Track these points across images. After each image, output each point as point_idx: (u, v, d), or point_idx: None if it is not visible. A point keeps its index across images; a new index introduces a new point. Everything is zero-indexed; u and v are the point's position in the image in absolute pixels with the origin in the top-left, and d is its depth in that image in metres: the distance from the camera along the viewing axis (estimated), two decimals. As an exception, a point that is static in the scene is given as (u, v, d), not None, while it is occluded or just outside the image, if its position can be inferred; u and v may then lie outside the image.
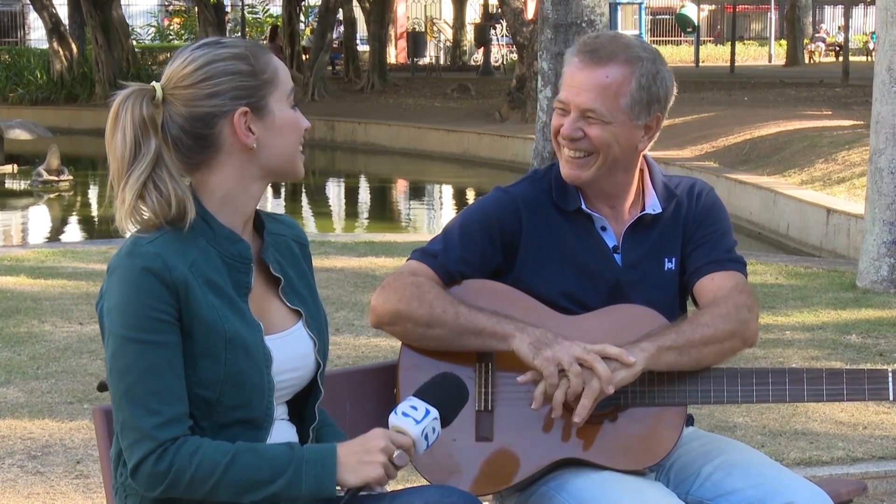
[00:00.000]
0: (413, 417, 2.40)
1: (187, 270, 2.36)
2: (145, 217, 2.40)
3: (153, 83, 2.45)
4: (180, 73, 2.43)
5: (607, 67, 2.87)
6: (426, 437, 2.40)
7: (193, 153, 2.43)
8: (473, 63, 42.23)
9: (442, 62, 42.00)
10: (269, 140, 2.44)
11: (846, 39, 33.29)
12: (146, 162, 2.40)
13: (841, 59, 33.01)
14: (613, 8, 36.20)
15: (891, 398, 2.84)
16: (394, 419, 2.42)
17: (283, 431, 2.52)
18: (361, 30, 40.15)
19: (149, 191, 2.39)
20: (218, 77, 2.41)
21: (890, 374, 2.84)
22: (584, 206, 2.96)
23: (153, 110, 2.42)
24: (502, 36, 39.59)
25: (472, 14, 45.94)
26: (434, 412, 2.41)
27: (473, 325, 2.82)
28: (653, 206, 2.99)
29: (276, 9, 44.94)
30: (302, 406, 2.56)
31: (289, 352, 2.47)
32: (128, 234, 2.44)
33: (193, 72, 2.42)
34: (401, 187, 22.63)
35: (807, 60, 42.52)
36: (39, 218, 17.84)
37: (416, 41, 42.41)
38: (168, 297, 2.34)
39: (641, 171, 3.02)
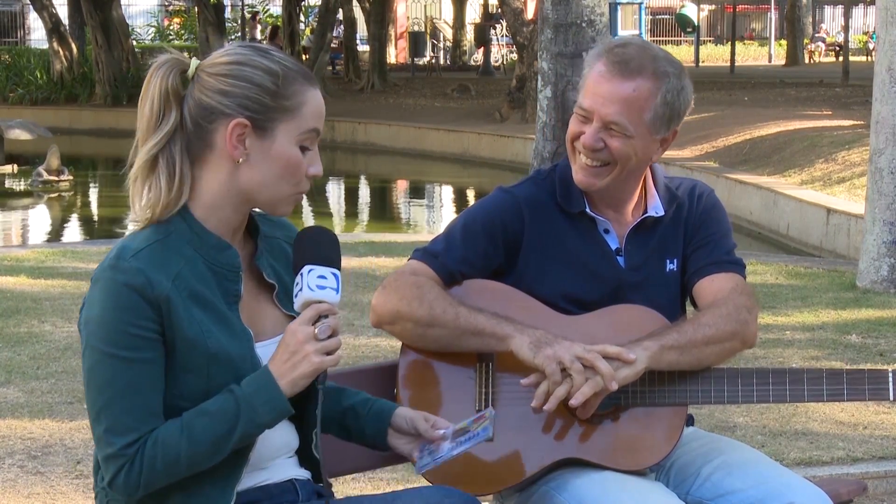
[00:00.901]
0: (297, 291, 2.38)
1: (171, 285, 2.33)
2: (148, 198, 2.38)
3: (193, 58, 2.44)
4: (214, 60, 2.42)
5: (635, 81, 2.85)
6: (320, 288, 2.36)
7: (191, 141, 2.40)
8: (473, 63, 42.22)
9: (442, 62, 41.98)
10: (257, 163, 2.40)
11: (846, 39, 33.30)
12: (164, 132, 2.38)
13: (841, 59, 33.01)
14: (613, 8, 36.18)
15: (891, 398, 2.84)
16: (295, 308, 2.39)
17: (279, 433, 2.50)
18: (361, 30, 40.14)
19: (160, 163, 2.38)
20: (238, 79, 2.38)
21: (890, 375, 2.84)
22: (588, 209, 2.96)
23: (179, 84, 2.40)
24: (502, 36, 39.58)
25: (472, 14, 45.93)
26: (304, 269, 2.38)
27: (473, 325, 2.81)
28: (655, 208, 2.99)
29: (277, 9, 44.94)
30: (302, 410, 2.52)
31: None
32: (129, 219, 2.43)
33: (223, 64, 2.40)
34: (401, 187, 22.63)
35: (807, 60, 42.51)
36: (39, 218, 17.84)
37: (416, 41, 42.39)
38: (150, 313, 2.32)
39: (644, 174, 3.02)
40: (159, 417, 2.35)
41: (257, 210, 2.52)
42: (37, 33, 44.20)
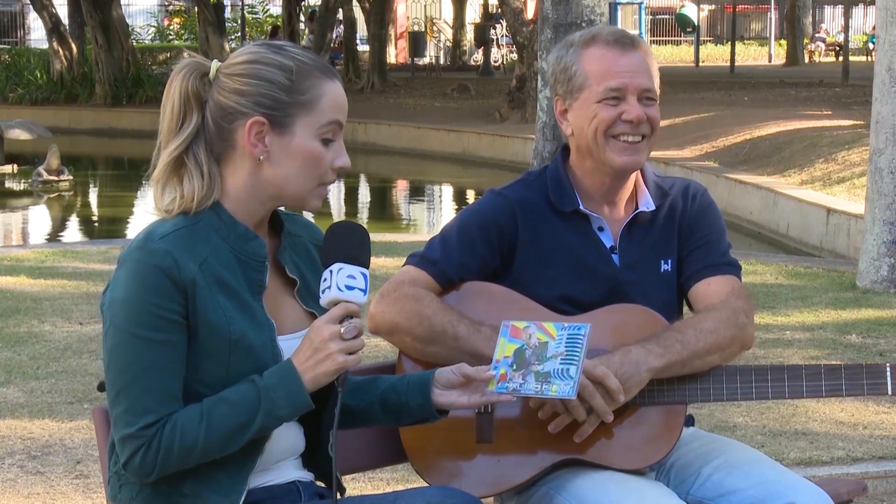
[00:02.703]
0: (325, 288, 2.38)
1: (197, 269, 2.35)
2: (182, 192, 2.39)
3: (214, 60, 2.46)
4: (231, 61, 2.44)
5: (639, 50, 2.93)
6: (349, 289, 2.37)
7: (214, 141, 2.42)
8: (473, 63, 42.22)
9: (442, 62, 41.97)
10: (279, 159, 2.41)
11: (846, 39, 33.29)
12: (186, 134, 2.40)
13: (841, 59, 33.00)
14: (613, 8, 36.21)
15: (889, 392, 2.85)
16: (322, 304, 2.40)
17: (286, 435, 2.50)
18: (361, 30, 40.14)
19: (188, 164, 2.40)
20: (252, 78, 2.40)
21: (888, 369, 2.85)
22: (581, 207, 2.96)
23: (200, 86, 2.42)
24: (502, 36, 39.59)
25: (472, 14, 45.93)
26: (334, 266, 2.39)
27: (472, 349, 2.80)
28: (646, 203, 2.99)
29: (277, 9, 44.94)
30: (321, 408, 2.50)
31: None
32: (152, 212, 2.43)
33: (238, 64, 2.42)
34: (401, 187, 22.64)
35: (807, 60, 42.50)
36: (39, 218, 17.83)
37: (416, 41, 42.39)
38: (176, 295, 2.33)
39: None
40: (179, 401, 2.35)
41: (282, 209, 2.53)
42: (36, 33, 44.19)
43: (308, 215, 2.66)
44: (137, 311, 2.33)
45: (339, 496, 2.50)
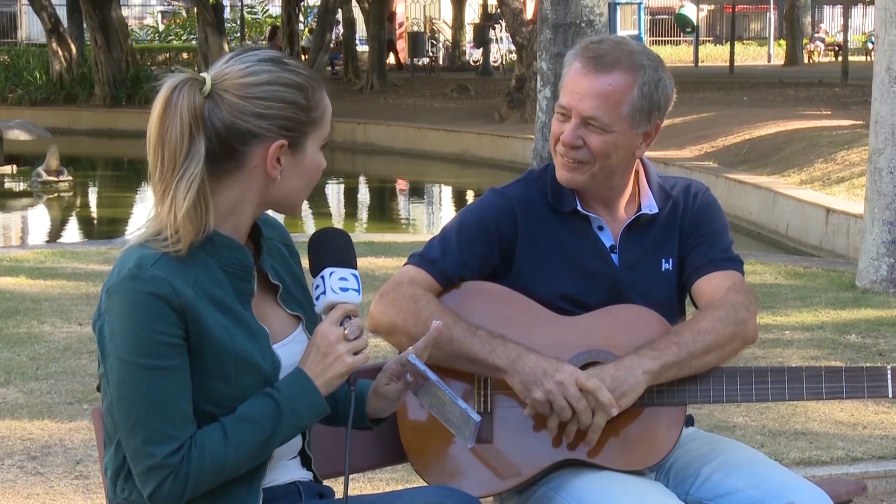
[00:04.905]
0: (319, 293, 2.42)
1: (192, 292, 2.32)
2: (186, 230, 2.30)
3: (203, 74, 2.37)
4: (238, 80, 2.35)
5: (610, 75, 2.85)
6: (343, 290, 2.41)
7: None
8: (473, 63, 42.21)
9: (441, 62, 41.95)
10: (290, 176, 2.40)
11: (845, 39, 33.29)
12: (199, 160, 2.31)
13: (840, 58, 33.01)
14: (613, 8, 36.21)
15: (890, 395, 2.85)
16: (317, 311, 2.43)
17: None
18: (361, 30, 40.13)
19: (202, 195, 2.31)
20: (274, 101, 2.35)
21: (889, 372, 2.85)
22: (580, 207, 2.96)
23: (203, 103, 2.33)
24: (501, 39, 39.58)
25: (472, 14, 45.91)
26: (325, 271, 2.42)
27: (467, 352, 2.81)
28: (649, 206, 2.99)
29: (276, 9, 44.93)
30: None
31: (293, 359, 2.44)
32: (128, 242, 2.39)
33: (252, 85, 2.35)
34: (401, 187, 22.64)
35: (806, 60, 42.50)
36: (39, 218, 17.84)
37: (415, 41, 42.37)
38: (176, 320, 2.30)
39: (637, 171, 3.02)
40: (194, 422, 2.34)
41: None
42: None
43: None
44: (141, 341, 2.30)
45: (339, 496, 2.51)
